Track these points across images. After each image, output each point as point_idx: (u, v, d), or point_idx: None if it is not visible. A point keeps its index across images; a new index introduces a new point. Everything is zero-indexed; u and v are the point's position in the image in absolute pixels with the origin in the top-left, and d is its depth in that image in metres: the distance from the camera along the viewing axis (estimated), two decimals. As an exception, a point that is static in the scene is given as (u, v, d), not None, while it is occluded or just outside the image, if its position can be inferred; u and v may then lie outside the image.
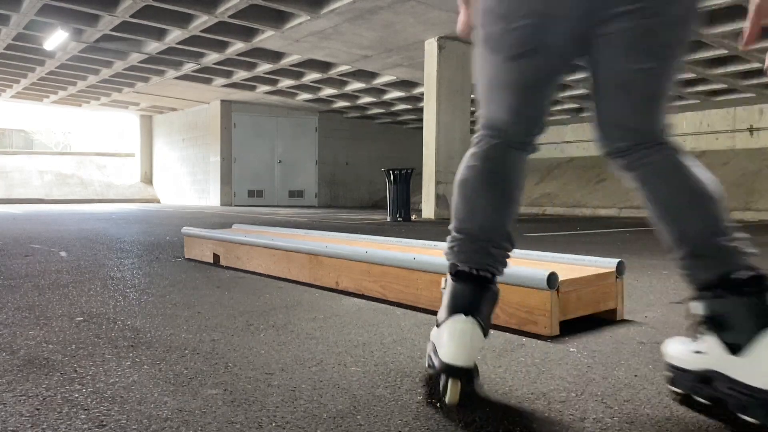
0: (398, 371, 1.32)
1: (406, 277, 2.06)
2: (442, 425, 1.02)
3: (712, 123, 12.77)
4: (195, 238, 3.38)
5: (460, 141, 9.10)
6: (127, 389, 1.18)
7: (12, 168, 17.51)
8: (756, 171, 11.20)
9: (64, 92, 14.37)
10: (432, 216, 8.82)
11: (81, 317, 1.83)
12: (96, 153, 20.13)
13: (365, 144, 17.61)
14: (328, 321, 1.81)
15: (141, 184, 18.96)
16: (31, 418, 1.03)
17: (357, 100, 14.04)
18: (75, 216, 8.76)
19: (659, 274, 2.91)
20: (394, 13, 7.71)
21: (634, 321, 1.86)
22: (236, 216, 8.88)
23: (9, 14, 8.29)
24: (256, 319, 1.83)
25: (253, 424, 1.02)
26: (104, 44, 9.77)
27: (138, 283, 2.53)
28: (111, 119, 24.48)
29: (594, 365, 1.38)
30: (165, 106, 16.57)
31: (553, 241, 4.97)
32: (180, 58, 10.49)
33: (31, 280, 2.57)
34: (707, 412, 1.08)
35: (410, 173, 8.41)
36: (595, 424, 1.03)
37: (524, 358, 1.43)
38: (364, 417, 1.05)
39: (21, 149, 26.58)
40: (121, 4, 7.88)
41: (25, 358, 1.39)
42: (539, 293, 1.64)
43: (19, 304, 2.04)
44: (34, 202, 16.16)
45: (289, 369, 1.33)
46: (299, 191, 16.45)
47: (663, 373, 1.28)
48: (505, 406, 1.11)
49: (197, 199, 16.55)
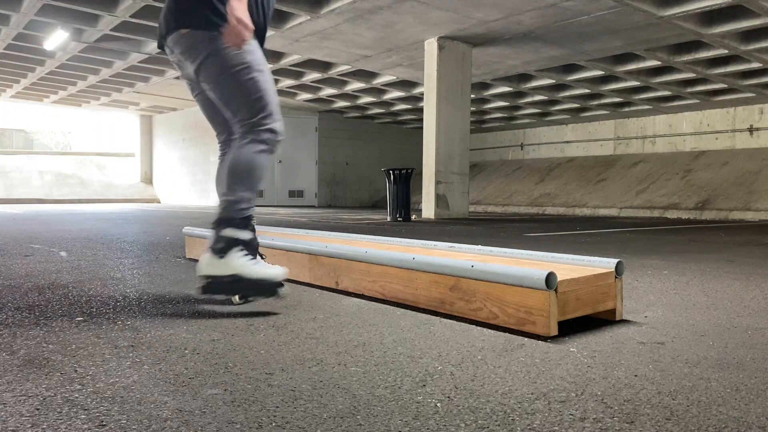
0: (398, 371, 1.32)
1: (405, 277, 2.06)
2: (442, 425, 1.02)
3: (712, 123, 12.77)
4: (196, 238, 3.38)
5: (460, 141, 9.10)
6: (127, 389, 1.18)
7: (12, 168, 17.52)
8: (756, 171, 11.20)
9: (64, 92, 14.38)
10: (432, 216, 8.83)
11: (81, 317, 1.84)
12: (96, 153, 20.13)
13: (365, 144, 17.61)
14: (328, 321, 1.81)
15: (141, 184, 18.96)
16: (31, 418, 1.03)
17: (357, 100, 14.04)
18: (75, 216, 8.76)
19: (659, 274, 2.91)
20: (394, 13, 7.71)
21: (634, 321, 1.86)
22: (236, 216, 8.85)
23: (9, 14, 8.29)
24: (256, 319, 1.83)
25: (253, 424, 1.02)
26: (104, 44, 9.77)
27: (138, 283, 2.53)
28: (111, 119, 24.46)
29: (594, 365, 1.38)
30: (165, 106, 16.57)
31: (552, 241, 4.98)
32: (180, 58, 10.48)
33: (31, 280, 2.57)
34: (707, 411, 1.08)
35: (410, 173, 8.41)
36: (595, 424, 1.03)
37: (524, 358, 1.43)
38: (364, 417, 1.05)
39: (21, 149, 26.58)
40: (121, 4, 7.89)
41: (25, 358, 1.39)
42: (538, 293, 1.65)
43: (19, 304, 2.04)
44: (34, 202, 16.17)
45: (289, 369, 1.33)
46: (299, 191, 16.46)
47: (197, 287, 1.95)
48: (505, 406, 1.11)
49: (197, 199, 16.55)
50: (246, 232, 1.96)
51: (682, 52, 9.12)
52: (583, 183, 13.58)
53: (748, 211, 10.01)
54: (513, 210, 13.41)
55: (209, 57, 1.94)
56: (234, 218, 1.95)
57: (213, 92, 2.01)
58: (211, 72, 1.96)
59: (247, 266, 1.93)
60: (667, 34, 8.07)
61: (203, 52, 1.94)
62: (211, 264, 1.93)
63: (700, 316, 1.93)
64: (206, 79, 1.99)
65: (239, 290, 1.95)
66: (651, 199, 11.60)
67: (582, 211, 12.18)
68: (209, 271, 1.94)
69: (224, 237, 1.93)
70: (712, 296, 2.31)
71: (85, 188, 18.00)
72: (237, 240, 1.94)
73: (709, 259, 3.63)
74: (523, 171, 15.67)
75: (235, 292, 1.96)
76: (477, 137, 17.40)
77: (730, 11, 7.37)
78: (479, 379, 1.27)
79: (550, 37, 8.42)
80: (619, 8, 7.11)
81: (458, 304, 1.88)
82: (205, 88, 2.05)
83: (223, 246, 1.93)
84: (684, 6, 7.05)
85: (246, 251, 1.95)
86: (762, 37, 8.15)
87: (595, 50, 9.03)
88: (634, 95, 11.83)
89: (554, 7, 7.22)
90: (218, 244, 1.93)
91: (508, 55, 9.52)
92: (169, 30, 2.02)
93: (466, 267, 1.84)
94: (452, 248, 2.47)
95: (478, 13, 7.60)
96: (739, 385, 1.24)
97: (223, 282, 1.92)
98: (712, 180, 11.51)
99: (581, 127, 15.13)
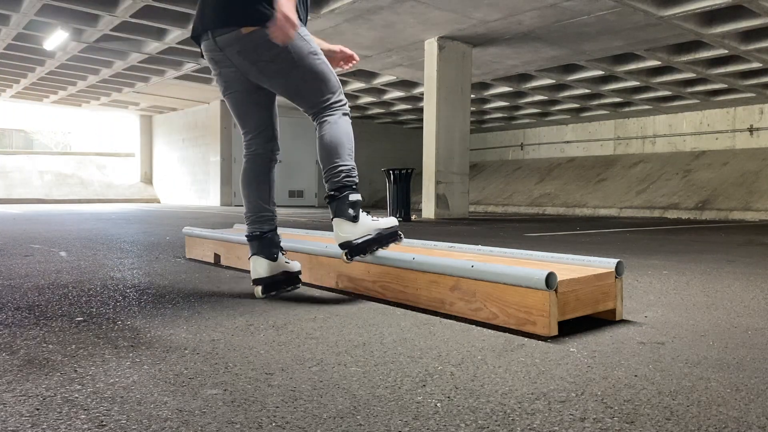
0: (398, 371, 1.32)
1: (405, 277, 2.06)
2: (442, 425, 1.02)
3: (712, 123, 12.77)
4: (196, 238, 3.38)
5: (459, 141, 9.10)
6: (127, 389, 1.18)
7: (12, 168, 17.51)
8: (756, 171, 11.20)
9: (64, 92, 14.37)
10: (432, 216, 8.82)
11: (81, 317, 1.83)
12: (96, 153, 20.12)
13: (365, 144, 17.57)
14: (328, 321, 1.81)
15: (141, 184, 18.95)
16: (31, 418, 1.03)
17: (357, 100, 14.04)
18: (75, 216, 8.76)
19: (659, 274, 2.91)
20: (394, 13, 7.71)
21: (634, 321, 1.86)
22: (237, 216, 8.88)
23: (9, 14, 8.29)
24: (256, 319, 1.83)
25: (253, 424, 1.02)
26: (104, 44, 9.77)
27: (138, 283, 2.53)
28: (111, 119, 24.46)
29: (594, 365, 1.38)
30: (165, 106, 16.57)
31: (552, 241, 4.98)
32: (180, 58, 10.49)
33: (31, 280, 2.57)
34: (708, 410, 1.08)
35: (410, 173, 8.41)
36: (595, 424, 1.03)
37: (524, 358, 1.43)
38: (364, 417, 1.05)
39: (21, 149, 26.57)
40: (121, 4, 7.88)
41: (25, 358, 1.39)
42: (538, 293, 1.65)
43: (19, 304, 2.04)
44: (34, 202, 16.16)
45: (289, 369, 1.33)
46: (299, 191, 16.46)
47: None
48: (505, 406, 1.11)
49: (197, 199, 16.55)
50: (359, 195, 2.13)
51: (682, 52, 9.12)
52: (583, 183, 13.58)
53: (748, 211, 10.01)
54: (513, 210, 13.41)
55: (281, 53, 2.00)
56: (352, 184, 2.11)
57: (282, 86, 2.10)
58: (283, 67, 2.04)
59: (376, 223, 2.13)
60: (667, 34, 8.07)
61: (272, 50, 1.99)
62: (349, 230, 2.08)
63: (700, 316, 1.93)
64: (276, 75, 2.06)
65: (381, 245, 2.13)
66: (651, 199, 11.60)
67: (582, 211, 12.18)
68: (349, 236, 2.09)
69: (351, 202, 2.08)
70: (712, 296, 2.31)
71: (85, 188, 18.00)
72: (359, 202, 2.10)
73: (709, 259, 3.63)
74: (523, 171, 15.67)
75: (378, 246, 2.13)
76: (477, 137, 17.40)
77: (730, 11, 7.37)
78: (479, 379, 1.27)
79: (550, 37, 8.42)
80: (619, 8, 7.11)
81: (458, 304, 1.88)
82: (265, 83, 2.11)
83: (354, 210, 2.08)
84: (684, 6, 7.05)
85: (364, 211, 2.16)
86: (762, 37, 8.15)
87: (595, 50, 9.03)
88: (634, 95, 11.83)
89: (554, 7, 7.22)
90: (349, 211, 2.07)
91: (508, 55, 9.52)
92: (216, 26, 2.03)
93: (466, 267, 1.84)
94: (452, 248, 2.47)
95: (478, 13, 7.60)
96: (739, 385, 1.24)
97: (367, 241, 2.09)
98: (712, 180, 11.51)
99: (581, 127, 15.12)
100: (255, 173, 2.25)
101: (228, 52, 2.06)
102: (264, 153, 2.25)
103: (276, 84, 2.12)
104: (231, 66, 2.12)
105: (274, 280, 2.20)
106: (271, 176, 2.27)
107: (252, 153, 2.25)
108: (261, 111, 2.23)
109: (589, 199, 12.61)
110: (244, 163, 2.28)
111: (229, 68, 2.13)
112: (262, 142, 2.25)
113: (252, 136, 2.25)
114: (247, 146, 2.27)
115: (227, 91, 2.21)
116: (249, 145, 2.26)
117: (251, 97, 2.19)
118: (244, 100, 2.20)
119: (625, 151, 14.22)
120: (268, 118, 2.25)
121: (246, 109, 2.22)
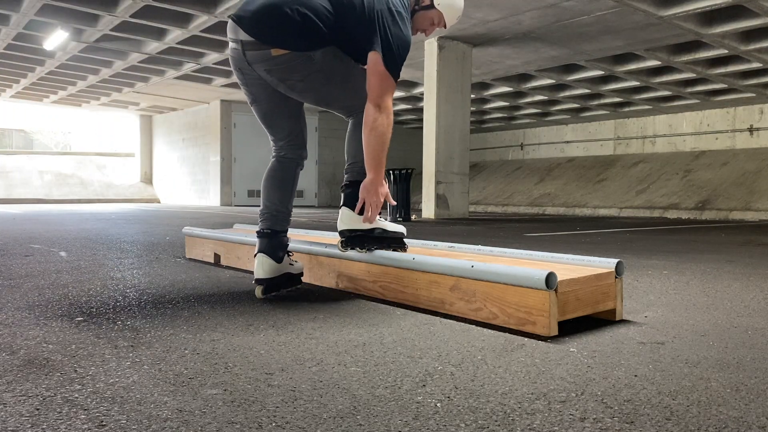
0: (398, 371, 1.32)
1: (405, 277, 2.06)
2: (442, 425, 1.02)
3: (712, 123, 12.77)
4: (196, 238, 3.38)
5: (459, 141, 9.10)
6: (127, 389, 1.18)
7: (12, 168, 17.51)
8: (756, 171, 11.20)
9: (64, 92, 14.37)
10: (432, 216, 8.82)
11: (81, 317, 1.83)
12: (96, 153, 20.12)
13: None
14: (328, 321, 1.81)
15: (141, 184, 18.95)
16: (31, 418, 1.03)
17: (357, 100, 14.02)
18: (75, 216, 8.76)
19: (659, 274, 2.91)
20: (394, 13, 7.70)
21: (634, 321, 1.86)
22: (236, 216, 8.88)
23: (9, 14, 8.29)
24: (256, 319, 1.83)
25: (253, 424, 1.02)
26: (104, 44, 9.77)
27: (138, 283, 2.53)
28: (111, 119, 24.46)
29: (594, 365, 1.38)
30: (165, 106, 16.56)
31: (552, 241, 4.97)
32: (180, 58, 10.49)
33: (31, 280, 2.57)
34: (707, 410, 1.08)
35: (410, 173, 8.40)
36: (595, 424, 1.03)
37: (524, 358, 1.43)
38: (364, 417, 1.05)
39: (21, 149, 26.57)
40: (121, 4, 7.88)
41: (25, 358, 1.39)
42: (538, 293, 1.64)
43: (19, 304, 2.04)
44: (34, 202, 16.16)
45: (289, 369, 1.33)
46: (299, 191, 16.44)
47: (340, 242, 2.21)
48: (505, 406, 1.11)
49: (197, 199, 16.55)
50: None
51: (682, 52, 9.11)
52: (583, 183, 13.58)
53: (748, 211, 10.01)
54: (513, 210, 13.41)
55: (311, 74, 2.04)
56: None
57: (312, 99, 2.17)
58: (313, 84, 2.08)
59: (382, 223, 2.16)
60: (667, 34, 8.07)
61: (302, 71, 2.02)
62: (352, 220, 2.14)
63: (700, 316, 1.93)
64: (306, 90, 2.10)
65: (380, 244, 2.16)
66: (651, 199, 11.60)
67: (582, 211, 12.18)
68: (351, 226, 2.15)
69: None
70: (712, 296, 2.31)
71: (85, 188, 18.00)
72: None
73: (709, 259, 3.63)
74: (523, 171, 15.66)
75: (377, 245, 2.16)
76: (477, 137, 17.39)
77: (730, 11, 7.37)
78: (479, 379, 1.27)
79: (550, 37, 8.42)
80: (619, 8, 7.11)
81: (458, 304, 1.88)
82: (294, 96, 2.15)
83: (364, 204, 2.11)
84: (684, 6, 7.05)
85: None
86: (762, 37, 8.14)
87: (595, 50, 9.03)
88: (634, 95, 11.82)
89: (554, 7, 7.22)
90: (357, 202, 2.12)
91: (508, 55, 9.51)
92: (249, 33, 1.97)
93: (466, 267, 1.84)
94: (452, 248, 2.47)
95: (478, 13, 7.60)
96: (739, 385, 1.24)
97: (366, 236, 2.15)
98: (712, 180, 11.51)
99: (581, 127, 15.12)
100: (281, 173, 2.26)
101: (256, 68, 2.04)
102: (293, 158, 2.27)
103: (306, 97, 2.15)
104: (258, 78, 2.10)
105: (276, 281, 2.21)
106: (295, 179, 2.30)
107: (282, 156, 2.27)
108: (290, 120, 2.23)
109: (589, 199, 12.61)
110: (272, 162, 2.28)
111: (256, 79, 2.11)
112: (293, 148, 2.26)
113: (282, 144, 2.26)
114: (277, 150, 2.28)
115: (254, 102, 2.20)
116: (279, 149, 2.27)
117: (279, 107, 2.19)
118: (272, 110, 2.20)
119: (625, 151, 14.22)
120: (297, 126, 2.26)
121: (275, 119, 2.22)
